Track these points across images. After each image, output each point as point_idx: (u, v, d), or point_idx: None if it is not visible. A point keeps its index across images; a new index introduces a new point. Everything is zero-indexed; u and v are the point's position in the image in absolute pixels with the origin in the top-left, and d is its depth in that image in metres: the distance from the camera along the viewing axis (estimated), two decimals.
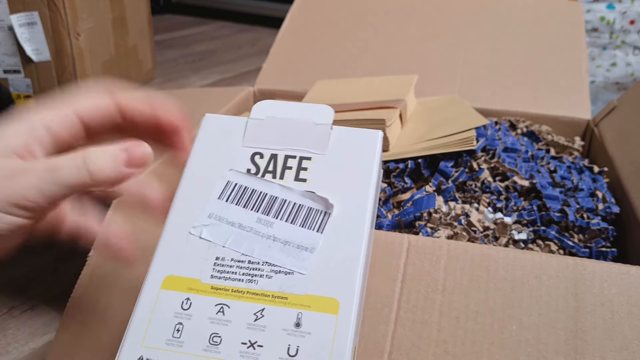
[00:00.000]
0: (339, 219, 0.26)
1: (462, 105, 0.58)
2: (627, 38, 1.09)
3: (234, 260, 0.26)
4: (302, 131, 0.29)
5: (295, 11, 0.83)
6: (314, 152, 0.28)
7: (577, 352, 0.31)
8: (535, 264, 0.33)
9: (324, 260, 0.25)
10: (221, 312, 0.24)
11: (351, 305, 0.24)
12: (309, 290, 0.24)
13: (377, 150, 0.28)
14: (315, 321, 0.24)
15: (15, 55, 1.08)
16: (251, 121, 0.29)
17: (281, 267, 0.25)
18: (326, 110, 0.29)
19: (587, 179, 0.51)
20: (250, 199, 0.27)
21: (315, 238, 0.26)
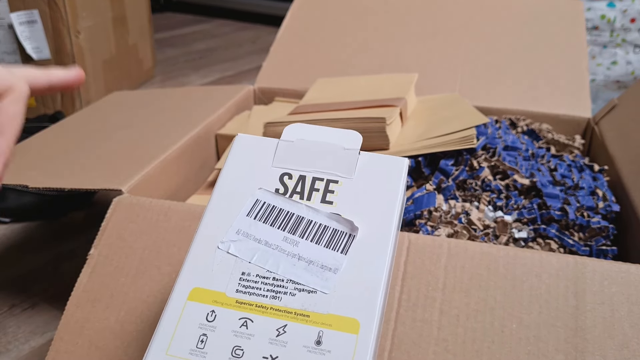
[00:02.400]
0: (363, 241, 0.27)
1: (462, 104, 0.58)
2: (628, 36, 1.09)
3: (259, 276, 0.26)
4: (331, 155, 0.30)
5: (295, 9, 0.83)
6: (341, 176, 0.29)
7: (577, 350, 0.31)
8: (536, 262, 0.33)
9: (347, 281, 0.26)
10: (245, 325, 0.25)
11: (372, 326, 0.24)
12: (331, 310, 0.25)
13: (403, 177, 0.29)
14: (335, 340, 0.24)
15: (15, 53, 1.07)
16: (282, 143, 0.31)
17: (305, 286, 0.26)
18: (354, 135, 0.30)
19: (587, 178, 0.51)
20: (277, 217, 0.28)
21: (339, 259, 0.27)
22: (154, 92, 0.84)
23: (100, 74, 1.16)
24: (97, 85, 1.16)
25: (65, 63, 1.07)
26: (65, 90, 0.31)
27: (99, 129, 0.61)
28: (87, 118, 0.65)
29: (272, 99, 0.72)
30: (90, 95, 1.13)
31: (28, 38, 1.05)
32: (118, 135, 0.58)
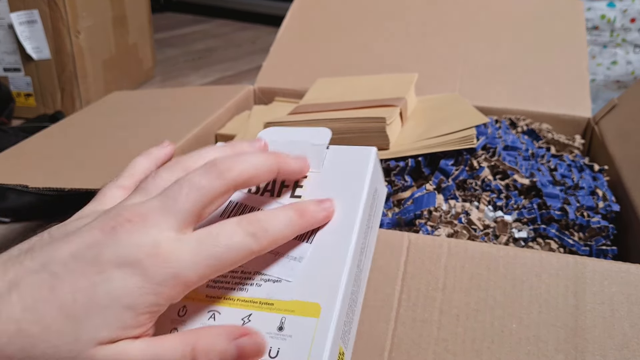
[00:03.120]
0: (328, 229, 0.28)
1: (462, 104, 0.58)
2: (628, 36, 1.09)
3: (229, 271, 0.27)
4: (300, 152, 0.31)
5: (295, 9, 0.83)
6: (310, 170, 0.30)
7: (577, 350, 0.31)
8: (536, 262, 0.33)
9: (311, 269, 0.26)
10: (212, 318, 0.26)
11: (332, 308, 0.25)
12: (294, 296, 0.26)
13: (370, 164, 0.30)
14: (297, 325, 0.25)
15: (16, 53, 1.08)
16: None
17: (270, 276, 0.27)
18: (324, 131, 0.31)
19: (587, 177, 0.51)
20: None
21: (304, 248, 0.27)
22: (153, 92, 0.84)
23: (100, 74, 1.16)
24: (97, 85, 1.16)
25: (65, 63, 1.07)
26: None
27: (99, 129, 0.61)
28: (87, 118, 0.65)
29: (272, 99, 0.72)
30: (90, 95, 1.13)
31: (28, 38, 1.05)
32: (118, 135, 0.58)
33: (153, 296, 0.23)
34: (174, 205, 0.24)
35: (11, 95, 1.09)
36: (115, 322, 0.22)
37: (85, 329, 0.22)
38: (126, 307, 0.22)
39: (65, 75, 1.10)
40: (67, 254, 0.23)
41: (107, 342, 0.22)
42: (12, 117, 1.09)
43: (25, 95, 1.12)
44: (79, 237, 0.24)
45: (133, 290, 0.22)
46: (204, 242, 0.24)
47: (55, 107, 1.12)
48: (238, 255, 0.25)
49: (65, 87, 1.11)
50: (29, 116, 1.11)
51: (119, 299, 0.22)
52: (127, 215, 0.24)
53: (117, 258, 0.23)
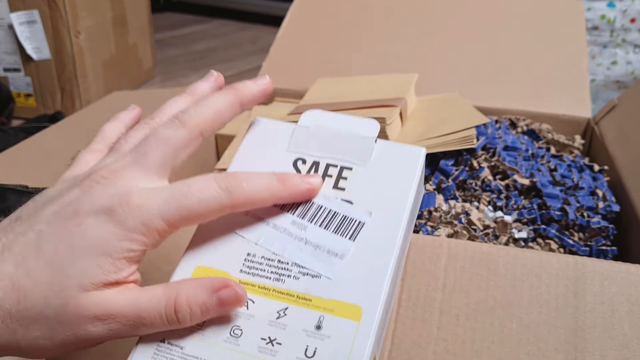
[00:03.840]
0: (372, 229, 0.27)
1: (462, 104, 0.58)
2: (628, 36, 1.09)
3: (264, 258, 0.26)
4: (346, 142, 0.29)
5: (295, 9, 0.83)
6: (355, 163, 0.29)
7: (577, 350, 0.31)
8: (536, 262, 0.33)
9: (353, 268, 0.25)
10: (245, 306, 0.25)
11: (374, 313, 0.24)
12: (334, 295, 0.25)
13: (419, 166, 0.28)
14: (336, 326, 0.24)
15: (15, 53, 1.08)
16: (298, 128, 0.30)
17: (309, 270, 0.26)
18: (372, 123, 0.30)
19: (587, 178, 0.51)
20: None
21: (346, 245, 0.26)
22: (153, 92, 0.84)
23: (100, 74, 1.16)
24: (97, 85, 1.16)
25: (65, 63, 1.07)
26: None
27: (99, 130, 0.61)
28: (87, 118, 0.65)
29: (272, 99, 0.72)
30: (90, 95, 1.13)
31: (28, 38, 1.05)
32: None
33: (127, 242, 0.24)
34: (144, 158, 0.26)
35: (11, 95, 1.09)
36: (94, 269, 0.23)
37: (68, 277, 0.23)
38: (103, 253, 0.24)
39: (65, 76, 1.10)
40: (49, 213, 0.25)
41: (92, 289, 0.23)
42: (12, 117, 1.09)
43: (25, 95, 1.12)
44: (60, 198, 0.25)
45: (107, 236, 0.24)
46: (176, 191, 0.25)
47: (55, 108, 1.12)
48: (210, 208, 0.25)
49: (65, 87, 1.11)
50: (28, 116, 1.11)
51: (95, 246, 0.24)
52: (102, 173, 0.26)
53: (92, 208, 0.24)
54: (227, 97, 0.28)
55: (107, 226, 0.24)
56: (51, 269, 0.23)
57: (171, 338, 0.24)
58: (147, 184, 0.25)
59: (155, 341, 0.24)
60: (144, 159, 0.26)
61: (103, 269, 0.23)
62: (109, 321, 0.23)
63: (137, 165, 0.26)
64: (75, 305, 0.23)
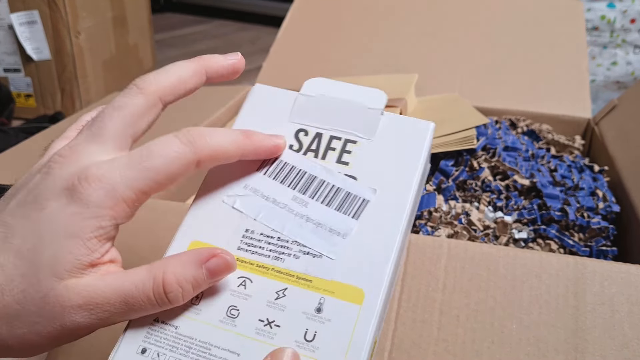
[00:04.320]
0: (376, 207, 0.25)
1: (462, 104, 0.58)
2: (628, 37, 1.09)
3: (264, 235, 0.25)
4: (352, 113, 0.28)
5: (295, 10, 0.83)
6: (361, 136, 0.27)
7: (577, 350, 0.31)
8: (536, 263, 0.33)
9: (356, 248, 0.24)
10: (243, 285, 0.24)
11: (377, 297, 0.23)
12: (335, 277, 0.24)
13: (426, 142, 0.27)
14: (337, 308, 0.23)
15: (16, 54, 1.08)
16: (300, 97, 0.29)
17: (310, 249, 0.24)
18: (379, 94, 0.28)
19: (587, 178, 0.51)
20: (288, 175, 0.27)
21: (349, 224, 0.25)
22: None
23: (100, 74, 1.16)
24: (97, 86, 1.16)
25: (66, 63, 1.07)
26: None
27: None
28: None
29: None
30: (90, 95, 1.13)
31: (28, 39, 1.05)
32: None
33: (94, 220, 0.22)
34: (99, 131, 0.24)
35: (11, 95, 1.09)
36: (65, 255, 0.22)
37: (41, 268, 0.22)
38: (71, 236, 0.22)
39: (65, 76, 1.10)
40: (14, 204, 0.24)
41: (68, 277, 0.22)
42: (12, 117, 1.09)
43: (25, 96, 1.12)
44: (23, 187, 0.24)
45: (72, 218, 0.22)
46: (136, 156, 0.23)
47: (55, 108, 1.12)
48: (174, 164, 0.23)
49: (65, 87, 1.11)
50: (29, 117, 1.11)
51: (62, 230, 0.22)
52: (60, 152, 0.24)
53: (54, 191, 0.23)
54: (191, 64, 0.27)
55: (70, 207, 0.22)
56: (23, 261, 0.22)
57: (165, 318, 0.23)
58: (106, 156, 0.24)
59: (147, 321, 0.23)
60: (100, 131, 0.24)
61: (74, 253, 0.22)
62: (95, 310, 0.22)
63: (94, 138, 0.24)
64: (56, 296, 0.22)
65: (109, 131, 0.24)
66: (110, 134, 0.24)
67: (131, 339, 0.23)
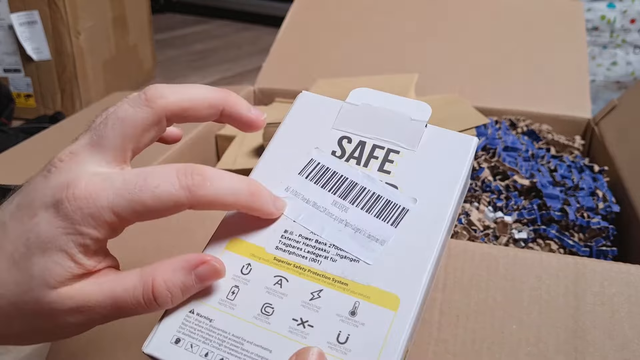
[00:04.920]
0: (416, 217, 0.25)
1: (462, 104, 0.58)
2: (628, 37, 1.09)
3: (302, 236, 0.25)
4: (396, 124, 0.28)
5: (295, 10, 0.83)
6: (404, 147, 0.28)
7: (577, 351, 0.31)
8: (536, 263, 0.33)
9: (393, 255, 0.24)
10: (279, 284, 0.24)
11: (412, 304, 0.23)
12: (372, 282, 0.24)
13: (469, 157, 0.27)
14: (371, 313, 0.23)
15: (16, 54, 1.08)
16: (346, 105, 0.29)
17: (348, 253, 0.25)
18: (424, 106, 0.29)
19: (587, 178, 0.51)
20: (330, 180, 0.27)
21: (388, 231, 0.25)
22: None
23: (100, 74, 1.16)
24: (97, 86, 1.16)
25: (66, 63, 1.07)
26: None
27: None
28: (87, 119, 0.65)
29: (273, 99, 0.72)
30: (90, 96, 1.13)
31: (28, 39, 1.05)
32: None
33: (78, 236, 0.22)
34: (100, 140, 0.24)
35: (11, 96, 1.09)
36: (54, 266, 0.22)
37: (33, 277, 0.22)
38: (57, 249, 0.22)
39: (65, 76, 1.10)
40: (14, 204, 0.23)
41: (60, 286, 0.22)
42: (12, 118, 1.09)
43: (25, 96, 1.12)
44: (27, 185, 0.24)
45: (57, 232, 0.22)
46: (131, 183, 0.23)
47: (55, 108, 1.12)
48: (164, 205, 0.23)
49: (65, 87, 1.11)
50: (29, 117, 1.11)
51: (48, 243, 0.22)
52: (60, 156, 0.24)
53: (44, 200, 0.23)
54: (211, 94, 0.26)
55: (56, 221, 0.22)
56: (15, 268, 0.22)
57: (201, 310, 0.24)
58: (102, 169, 0.23)
59: (183, 312, 0.24)
60: (101, 141, 0.24)
61: (63, 266, 0.22)
62: (88, 312, 0.22)
63: (94, 147, 0.24)
64: (49, 302, 0.22)
65: (110, 142, 0.24)
66: (110, 145, 0.24)
67: (166, 328, 0.24)
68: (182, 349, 0.23)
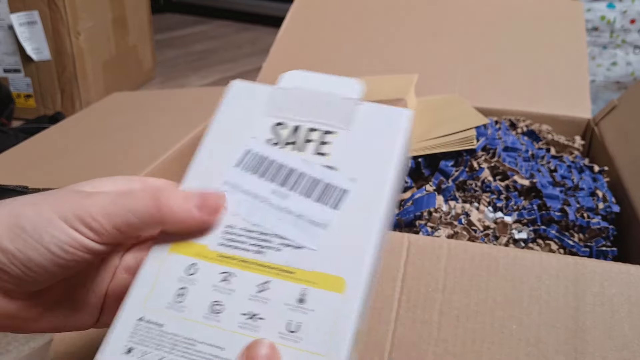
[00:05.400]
0: (356, 197, 0.25)
1: (462, 105, 0.58)
2: (628, 37, 1.09)
3: (244, 229, 0.25)
4: (328, 104, 0.28)
5: (295, 10, 0.83)
6: (338, 127, 0.27)
7: (577, 351, 0.31)
8: (536, 263, 0.33)
9: (336, 238, 0.24)
10: (226, 280, 0.24)
11: (358, 286, 0.23)
12: (316, 267, 0.24)
13: (404, 131, 0.27)
14: (319, 298, 0.23)
15: (16, 54, 1.08)
16: (277, 90, 0.29)
17: (291, 241, 0.25)
18: (355, 84, 0.29)
19: (587, 178, 0.51)
20: (267, 169, 0.27)
21: (329, 214, 0.25)
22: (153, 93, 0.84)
23: (100, 75, 1.16)
24: (97, 87, 1.16)
25: (65, 64, 1.07)
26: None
27: (98, 130, 0.61)
28: (87, 119, 0.65)
29: None
30: (90, 96, 1.14)
31: (28, 39, 1.05)
32: (118, 137, 0.58)
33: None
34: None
35: (11, 96, 1.09)
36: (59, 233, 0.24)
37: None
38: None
39: (65, 77, 1.10)
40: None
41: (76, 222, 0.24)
42: (12, 118, 1.09)
43: (25, 96, 1.12)
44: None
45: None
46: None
47: (55, 108, 1.13)
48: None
49: (65, 88, 1.11)
50: (28, 117, 1.11)
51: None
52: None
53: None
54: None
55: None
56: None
57: (150, 316, 0.24)
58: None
59: (132, 320, 0.24)
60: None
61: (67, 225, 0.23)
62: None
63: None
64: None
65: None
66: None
67: (117, 339, 0.23)
68: (135, 357, 0.23)
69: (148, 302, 0.24)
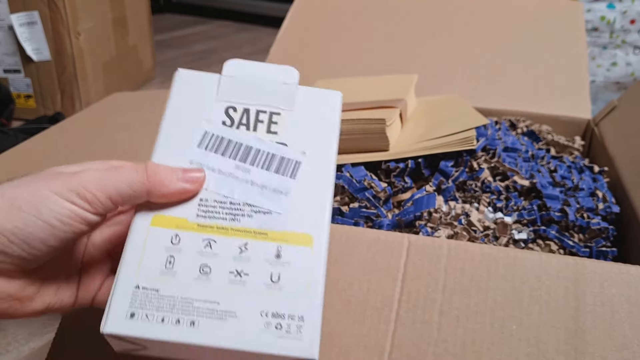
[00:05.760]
0: (308, 166, 0.30)
1: (462, 105, 0.58)
2: (628, 37, 1.09)
3: (217, 201, 0.28)
4: (271, 89, 0.32)
5: (295, 10, 0.83)
6: (283, 108, 0.31)
7: (577, 351, 0.31)
8: (536, 263, 0.33)
9: (298, 202, 0.29)
10: (209, 246, 0.27)
11: (323, 239, 0.28)
12: (286, 227, 0.28)
13: (338, 108, 0.32)
14: (293, 253, 0.27)
15: (16, 54, 1.08)
16: (224, 78, 0.32)
17: (260, 208, 0.28)
18: (291, 70, 0.33)
19: (587, 179, 0.51)
20: (227, 147, 0.30)
21: (289, 183, 0.29)
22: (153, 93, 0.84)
23: (100, 75, 1.16)
24: (97, 87, 1.16)
25: (65, 64, 1.07)
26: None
27: (98, 131, 0.61)
28: (87, 119, 0.65)
29: None
30: (90, 96, 1.14)
31: (28, 39, 1.05)
32: (118, 137, 0.58)
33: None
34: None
35: (11, 96, 1.09)
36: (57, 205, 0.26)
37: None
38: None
39: (65, 77, 1.10)
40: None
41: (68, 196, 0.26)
42: (12, 118, 1.09)
43: (25, 96, 1.12)
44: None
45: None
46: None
47: (55, 109, 1.13)
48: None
49: (65, 88, 1.11)
50: (29, 117, 1.11)
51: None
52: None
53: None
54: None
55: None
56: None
57: (145, 283, 0.26)
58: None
59: (129, 289, 0.26)
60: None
61: (62, 199, 0.25)
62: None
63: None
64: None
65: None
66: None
67: (118, 307, 0.25)
68: (139, 320, 0.25)
69: (140, 272, 0.26)
